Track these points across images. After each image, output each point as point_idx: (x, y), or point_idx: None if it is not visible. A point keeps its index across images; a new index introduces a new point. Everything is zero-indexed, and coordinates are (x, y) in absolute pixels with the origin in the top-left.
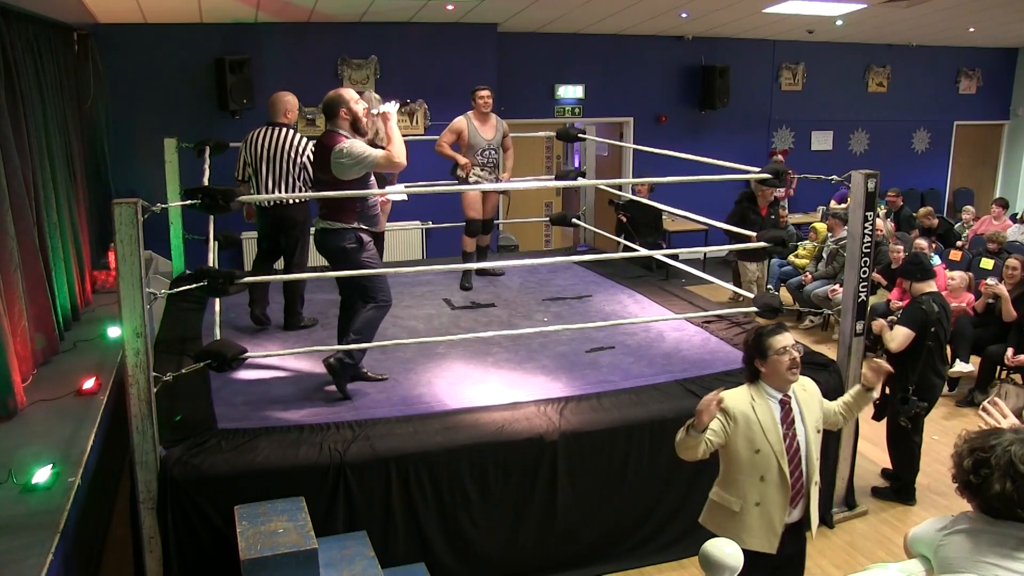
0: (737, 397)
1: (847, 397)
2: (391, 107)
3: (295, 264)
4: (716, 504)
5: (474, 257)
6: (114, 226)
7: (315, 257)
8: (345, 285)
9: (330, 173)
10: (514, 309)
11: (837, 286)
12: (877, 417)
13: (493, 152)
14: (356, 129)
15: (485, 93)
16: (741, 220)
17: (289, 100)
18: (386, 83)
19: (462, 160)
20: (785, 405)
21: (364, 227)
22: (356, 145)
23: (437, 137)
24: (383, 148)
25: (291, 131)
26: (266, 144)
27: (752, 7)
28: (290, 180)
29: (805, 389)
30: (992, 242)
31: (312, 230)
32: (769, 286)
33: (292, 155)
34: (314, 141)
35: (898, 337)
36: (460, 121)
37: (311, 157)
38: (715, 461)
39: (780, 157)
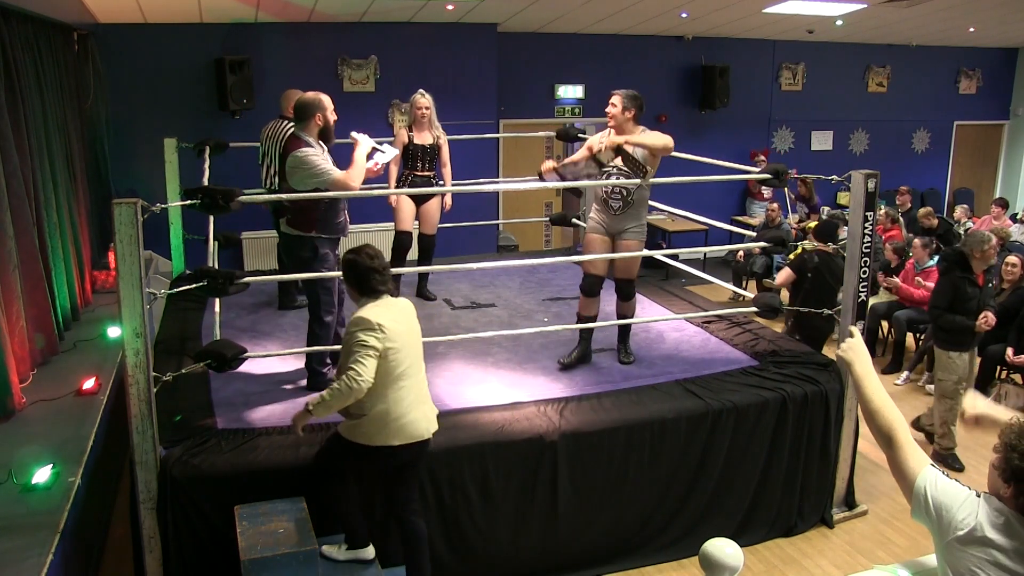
0: None
1: None
2: (363, 138)
3: None
4: None
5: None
6: (114, 226)
7: None
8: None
9: (286, 180)
10: (514, 309)
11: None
12: None
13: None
14: (324, 138)
15: (615, 99)
16: (955, 296)
17: (288, 95)
18: (386, 83)
19: (546, 165)
20: None
21: (324, 235)
22: (312, 156)
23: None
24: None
25: (286, 123)
26: (268, 135)
27: (752, 7)
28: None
29: None
30: (996, 237)
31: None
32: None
33: (279, 147)
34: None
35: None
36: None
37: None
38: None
39: (762, 157)
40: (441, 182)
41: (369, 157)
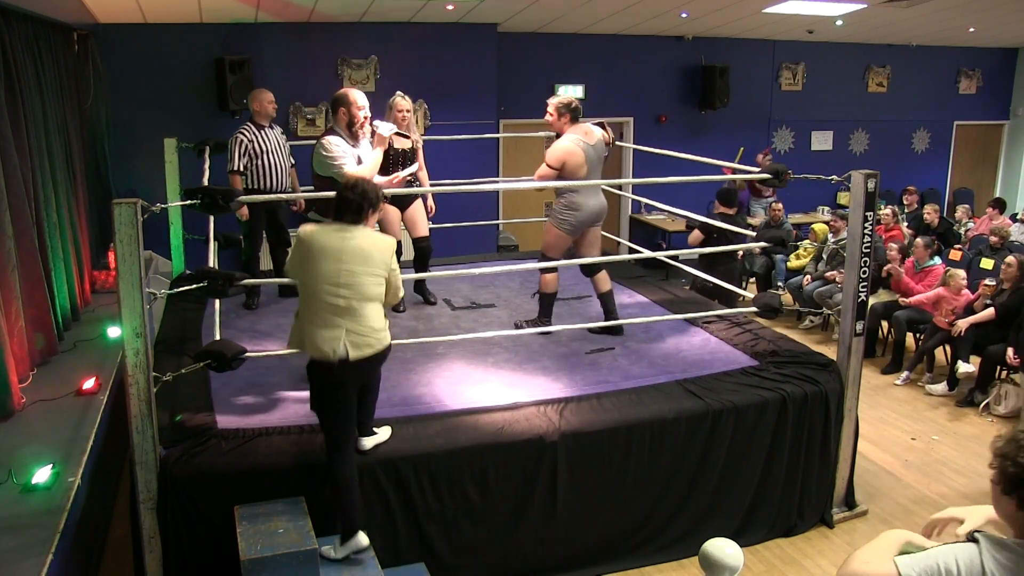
0: None
1: None
2: (384, 127)
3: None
4: None
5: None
6: (114, 226)
7: None
8: None
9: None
10: (514, 309)
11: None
12: None
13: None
14: (351, 132)
15: (550, 108)
16: None
17: (253, 94)
18: (386, 83)
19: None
20: None
21: None
22: (333, 145)
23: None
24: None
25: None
26: None
27: (752, 7)
28: None
29: None
30: (995, 235)
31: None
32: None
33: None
34: None
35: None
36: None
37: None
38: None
39: (764, 157)
40: (418, 184)
41: (403, 166)
